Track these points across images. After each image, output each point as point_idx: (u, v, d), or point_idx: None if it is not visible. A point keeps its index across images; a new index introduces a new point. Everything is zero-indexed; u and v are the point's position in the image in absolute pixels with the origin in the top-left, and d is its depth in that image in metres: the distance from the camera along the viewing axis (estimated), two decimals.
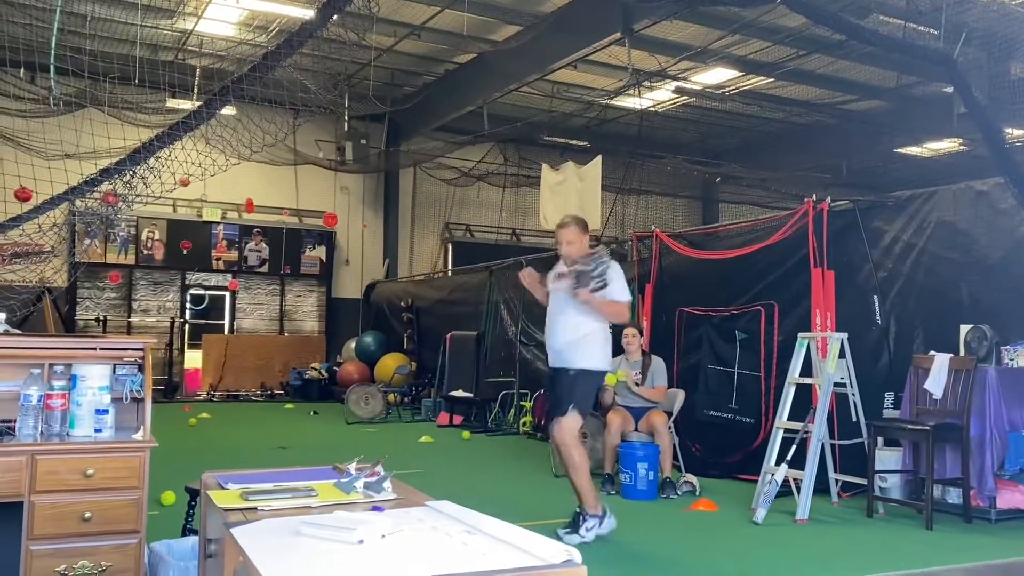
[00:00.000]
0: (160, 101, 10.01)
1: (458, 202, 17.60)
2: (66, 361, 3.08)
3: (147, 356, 3.23)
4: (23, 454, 2.79)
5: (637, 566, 4.45)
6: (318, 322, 16.45)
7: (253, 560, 1.56)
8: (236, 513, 2.02)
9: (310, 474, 2.48)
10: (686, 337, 8.01)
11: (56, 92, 7.57)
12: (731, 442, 7.29)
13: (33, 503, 2.79)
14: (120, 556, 2.89)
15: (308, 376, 14.55)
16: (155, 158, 6.28)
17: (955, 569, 4.23)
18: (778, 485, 5.60)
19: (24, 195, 7.62)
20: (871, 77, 13.06)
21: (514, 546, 1.66)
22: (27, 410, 2.91)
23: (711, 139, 17.69)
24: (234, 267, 15.48)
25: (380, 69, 13.58)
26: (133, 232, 14.54)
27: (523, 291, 11.16)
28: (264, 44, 11.42)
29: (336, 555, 1.61)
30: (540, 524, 4.99)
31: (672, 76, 13.38)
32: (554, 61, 12.10)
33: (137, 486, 2.94)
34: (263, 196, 15.33)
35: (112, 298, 14.63)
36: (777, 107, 14.86)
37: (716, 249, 8.05)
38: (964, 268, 6.06)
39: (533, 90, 14.09)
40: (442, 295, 13.83)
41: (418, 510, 2.05)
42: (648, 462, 6.25)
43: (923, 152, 16.37)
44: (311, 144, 14.81)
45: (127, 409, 3.20)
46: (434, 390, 12.27)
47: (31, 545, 2.78)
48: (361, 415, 11.33)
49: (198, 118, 6.21)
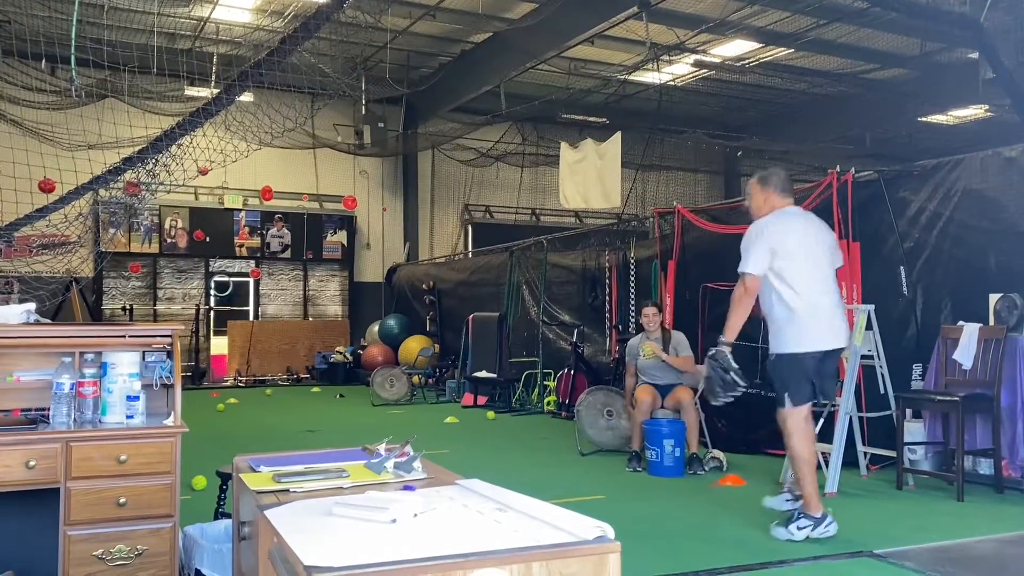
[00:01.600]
0: (179, 89, 10.05)
1: (477, 183, 17.57)
2: (96, 349, 3.12)
3: (175, 342, 3.26)
4: (58, 441, 2.83)
5: (666, 542, 4.46)
6: (341, 306, 16.54)
7: (288, 541, 1.57)
8: (269, 495, 2.03)
9: (340, 456, 2.49)
10: (710, 313, 7.96)
11: (77, 83, 7.62)
12: (758, 417, 7.24)
13: (69, 489, 2.83)
14: (155, 540, 2.93)
15: (333, 360, 14.66)
16: (177, 146, 6.31)
17: (988, 540, 4.20)
18: None
19: (48, 186, 7.71)
20: (894, 45, 12.83)
21: (546, 523, 1.66)
22: (60, 398, 2.94)
23: (732, 112, 17.50)
24: (257, 253, 15.59)
25: (396, 51, 13.54)
26: (156, 221, 14.66)
27: (543, 270, 11.19)
28: (280, 29, 11.41)
29: (370, 534, 1.62)
30: (568, 502, 5.01)
31: (691, 49, 13.23)
32: (571, 37, 12.00)
33: (169, 471, 2.98)
34: (283, 182, 15.39)
35: (137, 287, 14.79)
36: (798, 78, 14.65)
37: (739, 224, 7.96)
38: (992, 236, 5.96)
39: (550, 67, 14.00)
40: (463, 277, 13.85)
41: (449, 489, 2.05)
42: (674, 439, 6.25)
43: (948, 120, 16.10)
44: (329, 128, 14.83)
45: (157, 395, 3.24)
46: (458, 371, 12.31)
47: (68, 530, 2.82)
48: (387, 397, 11.41)
49: (218, 105, 6.23)
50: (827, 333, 4.33)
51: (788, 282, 4.30)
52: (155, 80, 9.52)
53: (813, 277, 4.33)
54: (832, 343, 4.34)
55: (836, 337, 4.35)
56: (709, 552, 4.23)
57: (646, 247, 9.53)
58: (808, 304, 4.28)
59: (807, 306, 4.28)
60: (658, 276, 8.75)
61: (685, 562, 4.05)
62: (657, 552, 4.23)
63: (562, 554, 1.51)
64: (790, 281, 4.29)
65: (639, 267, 9.43)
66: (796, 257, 4.30)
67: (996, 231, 5.95)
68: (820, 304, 4.31)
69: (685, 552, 4.25)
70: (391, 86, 12.88)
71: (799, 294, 4.28)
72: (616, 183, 12.11)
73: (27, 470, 2.77)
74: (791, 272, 4.29)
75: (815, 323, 4.30)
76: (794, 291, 4.28)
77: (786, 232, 4.35)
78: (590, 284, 10.45)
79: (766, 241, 4.33)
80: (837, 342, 4.36)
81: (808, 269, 4.32)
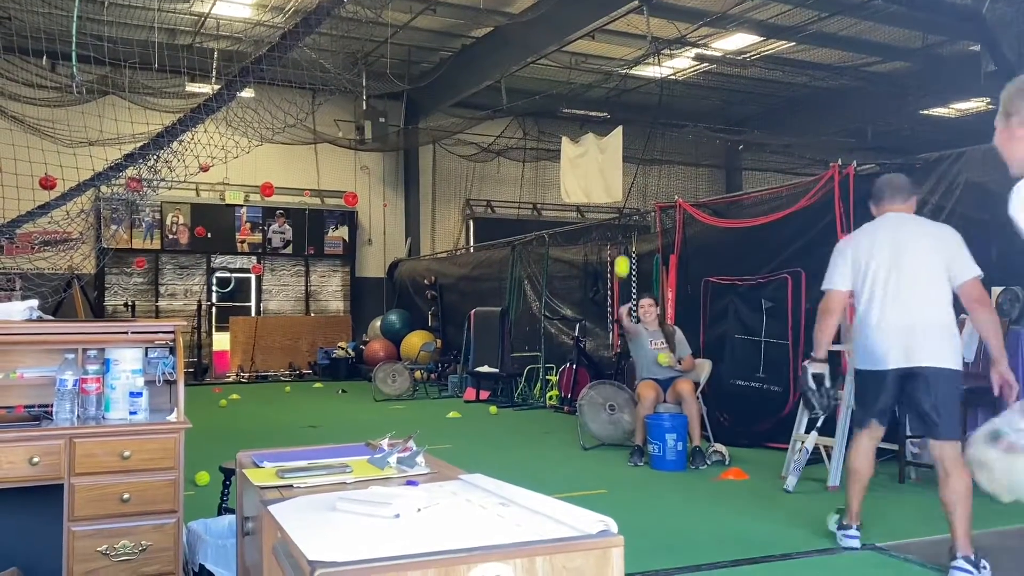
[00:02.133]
0: (180, 85, 10.05)
1: (478, 178, 17.56)
2: (99, 345, 3.12)
3: (178, 338, 3.26)
4: (61, 438, 2.84)
5: (668, 536, 4.46)
6: (343, 302, 16.55)
7: (291, 536, 1.58)
8: (272, 491, 2.04)
9: (343, 451, 2.50)
10: (712, 307, 7.97)
11: (78, 79, 7.61)
12: (760, 411, 7.26)
13: (73, 485, 2.84)
14: (159, 535, 2.94)
15: (335, 355, 14.67)
16: (178, 142, 6.31)
17: (989, 533, 4.20)
18: (808, 453, 5.58)
19: (49, 183, 7.71)
20: (895, 38, 12.80)
21: (549, 517, 1.66)
22: (63, 394, 2.95)
23: (733, 106, 17.47)
24: (258, 249, 15.60)
25: (397, 46, 13.52)
26: (158, 217, 14.66)
27: (545, 265, 11.18)
28: (281, 25, 11.40)
29: (373, 529, 1.62)
30: (571, 496, 5.01)
31: (692, 43, 13.20)
32: (572, 31, 11.97)
33: (173, 466, 2.98)
34: (284, 178, 15.39)
35: (139, 283, 14.80)
36: (799, 72, 14.62)
37: (740, 218, 7.97)
38: (994, 229, 5.93)
39: (551, 62, 13.97)
40: (465, 272, 13.85)
41: (452, 483, 2.06)
42: (676, 432, 6.25)
43: (950, 113, 16.06)
44: (330, 124, 14.82)
45: (160, 391, 3.24)
46: (460, 366, 12.33)
47: (73, 526, 2.83)
48: (389, 392, 11.42)
49: (219, 101, 6.23)
50: (886, 352, 3.87)
51: (858, 294, 4.04)
52: (156, 76, 9.52)
53: (886, 292, 3.90)
54: (893, 362, 3.85)
55: (899, 356, 3.83)
56: (711, 546, 4.24)
57: (648, 241, 9.52)
58: (872, 319, 3.93)
59: (871, 322, 3.94)
60: (660, 270, 8.75)
61: (687, 556, 4.06)
62: (659, 546, 4.23)
63: (565, 548, 1.51)
64: (858, 293, 4.03)
65: (641, 261, 9.43)
66: (869, 269, 3.97)
67: (998, 224, 5.91)
68: (887, 320, 3.88)
69: (687, 546, 4.25)
70: (392, 81, 12.89)
71: (863, 307, 4.00)
72: (617, 177, 12.09)
73: (31, 466, 2.77)
74: (860, 284, 4.01)
75: (878, 339, 3.90)
76: (861, 304, 4.02)
77: (862, 242, 4.06)
78: (592, 278, 10.45)
79: (844, 254, 4.10)
80: (897, 361, 3.84)
81: (881, 282, 3.92)
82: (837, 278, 4.09)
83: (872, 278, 3.95)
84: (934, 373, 3.78)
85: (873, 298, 3.94)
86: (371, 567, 1.41)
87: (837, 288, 4.09)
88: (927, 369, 3.79)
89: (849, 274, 4.05)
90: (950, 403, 3.81)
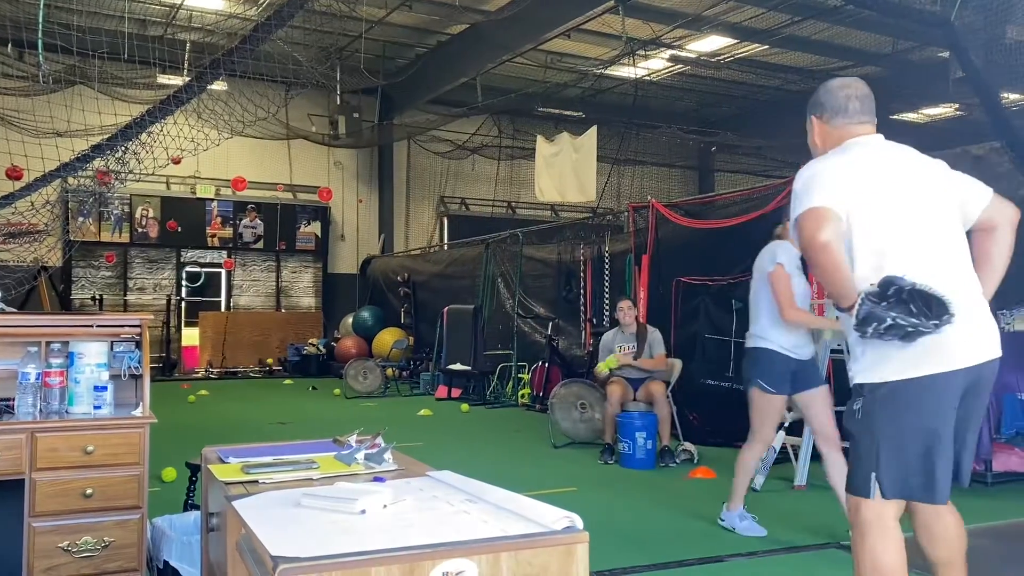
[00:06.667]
0: (150, 77, 9.91)
1: (453, 175, 17.53)
2: (63, 339, 3.07)
3: (144, 332, 3.22)
4: (22, 432, 2.79)
5: (636, 534, 4.49)
6: (315, 298, 16.44)
7: (255, 531, 1.56)
8: (237, 486, 2.02)
9: (310, 447, 2.48)
10: (683, 307, 8.03)
11: (45, 69, 7.49)
12: (729, 410, 7.30)
13: (34, 480, 2.79)
14: (122, 532, 2.90)
15: (306, 352, 14.56)
16: (147, 133, 6.23)
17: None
18: (776, 452, 5.64)
19: (15, 174, 7.58)
20: (866, 43, 12.97)
21: (516, 513, 1.66)
22: (25, 388, 2.90)
23: (706, 108, 17.59)
24: (229, 244, 15.45)
25: (371, 41, 13.45)
26: (127, 210, 14.46)
27: (519, 263, 11.19)
28: (254, 17, 11.29)
29: (338, 525, 1.61)
30: (541, 493, 5.02)
31: (666, 44, 13.28)
32: (547, 30, 11.99)
33: (137, 462, 2.95)
34: (256, 172, 15.24)
35: (108, 277, 14.59)
36: (772, 75, 14.77)
37: (712, 219, 8.04)
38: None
39: (527, 60, 13.98)
40: (438, 269, 13.82)
41: (419, 480, 2.05)
42: (646, 431, 6.29)
43: (919, 118, 16.30)
44: (303, 118, 14.70)
45: (126, 386, 3.20)
46: (432, 364, 12.30)
47: (33, 522, 2.79)
48: (360, 390, 11.36)
49: (189, 92, 6.16)
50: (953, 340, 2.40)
51: (862, 244, 2.62)
52: (126, 67, 9.38)
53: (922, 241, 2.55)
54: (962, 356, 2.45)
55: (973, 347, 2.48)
56: (679, 544, 4.26)
57: (621, 241, 9.57)
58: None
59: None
60: (632, 270, 8.79)
61: (655, 553, 4.08)
62: (627, 543, 4.25)
63: (530, 544, 1.52)
64: (862, 243, 2.62)
65: (614, 261, 9.46)
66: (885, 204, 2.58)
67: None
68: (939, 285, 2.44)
69: (655, 544, 4.28)
70: (366, 76, 12.81)
71: (874, 265, 2.58)
72: (592, 177, 12.14)
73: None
74: (864, 227, 2.64)
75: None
76: (873, 261, 2.64)
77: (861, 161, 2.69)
78: (565, 277, 10.48)
79: (826, 171, 2.62)
80: (969, 356, 2.46)
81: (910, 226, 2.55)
82: (824, 195, 2.45)
83: (893, 219, 2.48)
84: (993, 372, 2.50)
85: (900, 252, 2.43)
86: (335, 563, 1.40)
87: (824, 205, 2.42)
88: (992, 366, 2.47)
89: (846, 195, 2.47)
90: None
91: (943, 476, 2.35)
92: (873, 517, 2.43)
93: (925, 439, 2.34)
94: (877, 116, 2.71)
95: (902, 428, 2.35)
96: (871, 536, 2.43)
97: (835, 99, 2.70)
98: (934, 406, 2.36)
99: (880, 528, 2.42)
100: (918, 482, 2.37)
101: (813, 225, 2.38)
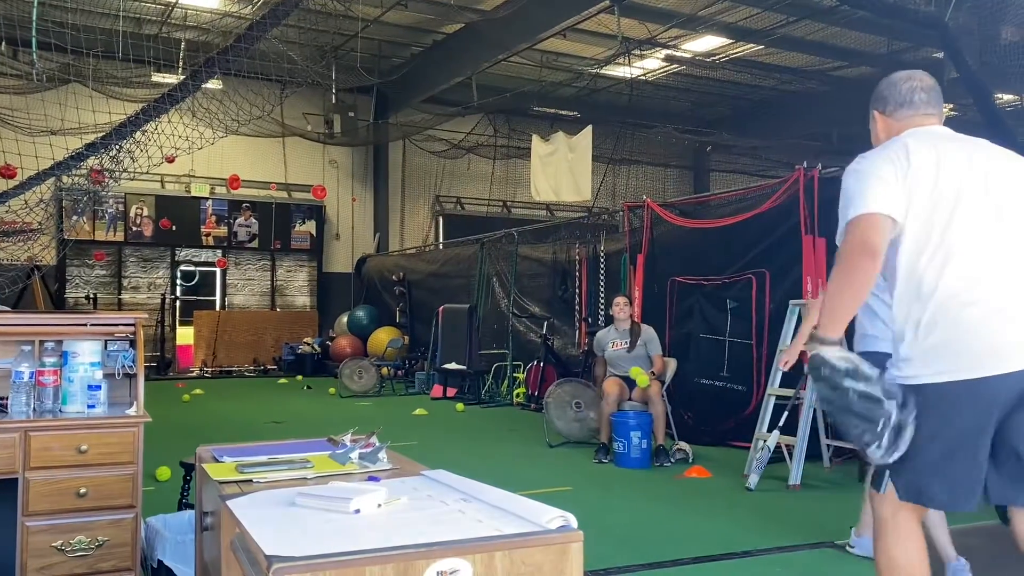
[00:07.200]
0: (145, 75, 9.89)
1: (448, 174, 17.51)
2: (57, 338, 3.06)
3: (138, 331, 3.21)
4: (16, 431, 2.78)
5: (631, 533, 4.49)
6: (310, 297, 16.42)
7: (249, 531, 1.56)
8: (231, 486, 2.02)
9: (305, 446, 2.48)
10: (678, 306, 8.03)
11: (39, 67, 7.46)
12: (723, 409, 7.33)
13: (28, 479, 2.78)
14: (116, 531, 2.90)
15: (301, 351, 14.54)
16: (142, 132, 6.21)
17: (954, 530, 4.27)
18: (770, 451, 5.65)
19: (9, 172, 7.55)
20: (861, 43, 12.99)
21: (510, 512, 1.66)
22: (19, 387, 2.89)
23: (702, 108, 17.61)
24: (224, 243, 15.41)
25: (367, 40, 13.42)
26: (121, 209, 14.42)
27: (514, 262, 11.18)
28: (249, 16, 11.27)
29: (333, 525, 1.61)
30: (536, 493, 5.02)
31: (662, 44, 13.28)
32: (543, 30, 11.99)
33: (131, 461, 2.94)
34: (251, 171, 15.22)
35: (102, 276, 14.55)
36: (767, 75, 14.78)
37: (707, 218, 8.05)
38: None
39: (522, 60, 13.97)
40: (434, 268, 13.81)
41: (414, 479, 2.05)
42: (641, 431, 6.29)
43: None
44: (299, 117, 14.68)
45: (120, 385, 3.19)
46: (427, 363, 12.29)
47: (27, 521, 2.78)
48: (355, 389, 11.35)
49: (184, 90, 6.14)
50: (1002, 342, 2.32)
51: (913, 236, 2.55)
52: (120, 66, 9.36)
53: (981, 239, 2.42)
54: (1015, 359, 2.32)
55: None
56: (673, 543, 4.27)
57: (616, 240, 9.57)
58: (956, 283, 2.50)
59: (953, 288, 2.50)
60: (627, 269, 8.80)
61: (649, 553, 4.08)
62: (622, 543, 4.26)
63: (524, 543, 1.52)
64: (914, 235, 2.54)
65: (609, 260, 9.47)
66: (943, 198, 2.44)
67: None
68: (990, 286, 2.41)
69: (649, 543, 4.28)
70: (362, 75, 12.79)
71: (926, 261, 2.51)
72: (587, 176, 12.14)
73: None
74: (921, 219, 2.52)
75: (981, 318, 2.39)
76: (923, 256, 2.54)
77: (921, 153, 2.55)
78: (560, 277, 10.48)
79: (883, 167, 2.55)
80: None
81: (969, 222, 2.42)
82: (879, 199, 2.30)
83: (951, 214, 2.32)
84: None
85: (955, 247, 2.30)
86: (329, 562, 1.40)
87: (880, 212, 2.28)
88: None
89: (901, 196, 2.31)
90: None
91: (962, 483, 2.27)
92: (888, 515, 2.40)
93: (943, 445, 2.26)
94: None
95: (919, 431, 2.26)
96: (886, 533, 2.42)
97: (898, 91, 2.59)
98: (953, 412, 2.26)
99: (894, 525, 2.40)
100: (931, 486, 2.30)
101: (872, 233, 2.26)
